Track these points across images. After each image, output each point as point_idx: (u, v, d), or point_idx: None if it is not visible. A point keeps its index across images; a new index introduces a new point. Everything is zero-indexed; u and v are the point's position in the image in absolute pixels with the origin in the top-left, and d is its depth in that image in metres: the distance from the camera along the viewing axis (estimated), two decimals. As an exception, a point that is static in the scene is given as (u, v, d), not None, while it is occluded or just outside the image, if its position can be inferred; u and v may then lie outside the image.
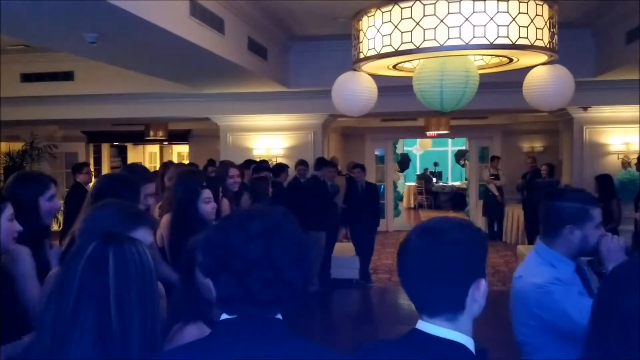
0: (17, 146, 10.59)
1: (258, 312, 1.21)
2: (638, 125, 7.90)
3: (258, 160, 7.43)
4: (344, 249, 8.27)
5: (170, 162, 6.43)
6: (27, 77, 7.58)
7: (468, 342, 1.30)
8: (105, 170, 13.72)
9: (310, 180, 7.39)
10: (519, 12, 3.06)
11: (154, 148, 15.98)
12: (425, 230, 1.32)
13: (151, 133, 11.52)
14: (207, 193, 3.34)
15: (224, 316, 1.24)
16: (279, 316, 1.25)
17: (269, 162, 7.71)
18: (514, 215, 11.31)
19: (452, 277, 1.27)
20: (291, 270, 1.20)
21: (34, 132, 10.48)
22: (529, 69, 3.79)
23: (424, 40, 3.21)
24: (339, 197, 7.97)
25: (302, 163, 7.57)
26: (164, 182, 4.67)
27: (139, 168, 3.39)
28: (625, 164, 7.59)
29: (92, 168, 9.06)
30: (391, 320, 6.47)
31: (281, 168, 7.24)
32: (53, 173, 11.20)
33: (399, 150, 17.06)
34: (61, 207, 2.65)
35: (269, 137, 8.79)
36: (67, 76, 7.54)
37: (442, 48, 3.17)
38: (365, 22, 3.57)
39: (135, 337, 1.31)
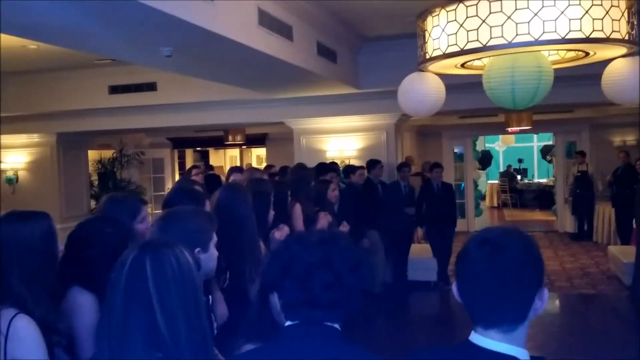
0: (107, 153, 11.28)
1: (319, 315, 1.29)
2: None
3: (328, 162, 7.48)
4: (422, 250, 8.14)
5: (237, 168, 6.66)
6: (114, 89, 8.05)
7: (522, 354, 1.27)
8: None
9: (365, 181, 7.38)
10: (593, 4, 2.89)
11: (234, 152, 16.47)
12: (484, 240, 1.30)
13: (230, 138, 11.88)
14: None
15: (288, 323, 1.32)
16: (337, 326, 1.32)
17: (337, 164, 7.76)
18: (605, 213, 10.68)
19: (517, 288, 1.25)
20: (349, 275, 1.29)
21: (123, 140, 11.12)
22: (610, 61, 3.57)
23: (491, 38, 3.10)
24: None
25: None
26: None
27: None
28: None
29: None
30: (469, 324, 6.30)
31: (351, 169, 7.29)
32: (141, 178, 11.86)
33: (479, 147, 16.54)
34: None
35: (342, 138, 8.80)
36: (150, 87, 7.93)
37: (510, 45, 3.06)
38: (430, 22, 3.50)
39: (183, 336, 1.37)
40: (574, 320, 6.78)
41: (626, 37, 3.01)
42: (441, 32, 3.35)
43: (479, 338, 1.28)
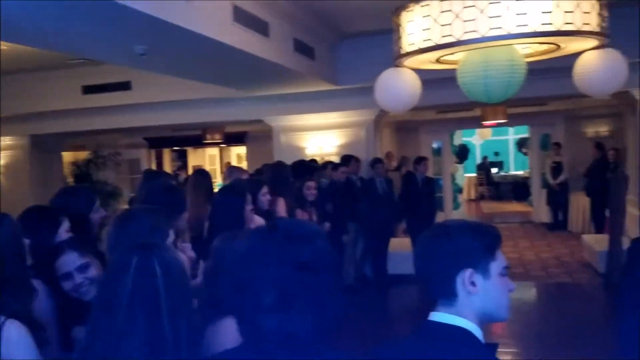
0: (83, 155, 11.13)
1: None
2: None
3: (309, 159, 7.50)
4: (402, 244, 8.20)
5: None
6: (88, 89, 7.94)
7: (474, 329, 1.37)
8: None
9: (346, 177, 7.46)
10: (563, -3, 2.94)
11: (214, 151, 16.36)
12: (433, 226, 1.52)
13: (208, 137, 11.81)
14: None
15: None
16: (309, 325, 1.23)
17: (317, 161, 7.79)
18: (579, 204, 10.89)
19: (439, 265, 1.41)
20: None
21: (98, 141, 10.98)
22: (582, 53, 3.63)
23: (465, 32, 3.13)
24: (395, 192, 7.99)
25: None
26: None
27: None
28: (698, 146, 7.14)
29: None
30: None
31: (323, 167, 7.36)
32: (117, 179, 11.73)
33: (457, 141, 16.71)
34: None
35: (321, 135, 8.82)
36: (125, 86, 7.83)
37: (483, 39, 3.08)
38: (404, 18, 3.52)
39: (183, 337, 1.40)
40: (550, 308, 6.91)
41: (597, 30, 3.07)
42: (416, 28, 3.37)
43: (433, 314, 1.43)
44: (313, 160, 7.68)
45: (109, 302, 1.40)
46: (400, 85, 3.73)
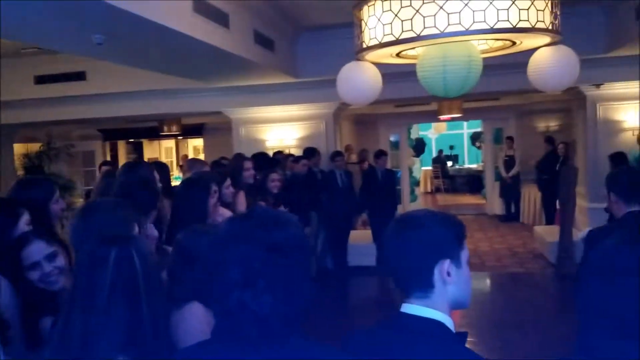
0: (35, 147, 10.78)
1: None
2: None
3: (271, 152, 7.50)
4: (361, 236, 8.32)
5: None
6: (40, 79, 7.71)
7: (446, 320, 1.39)
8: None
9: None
10: (519, -5, 3.04)
11: (170, 143, 16.13)
12: (399, 218, 1.48)
13: (165, 128, 11.63)
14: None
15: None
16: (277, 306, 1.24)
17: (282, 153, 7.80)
18: (531, 196, 11.25)
19: (416, 257, 1.39)
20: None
21: (51, 133, 10.65)
22: (535, 50, 3.76)
23: (425, 27, 3.20)
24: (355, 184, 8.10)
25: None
26: None
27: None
28: (640, 140, 7.49)
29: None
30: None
31: (295, 159, 7.38)
32: (71, 172, 11.42)
33: (414, 135, 16.98)
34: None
35: (281, 128, 8.82)
36: (80, 76, 7.64)
37: (442, 35, 3.16)
38: (366, 12, 3.57)
39: (162, 325, 1.43)
40: (504, 297, 7.14)
41: (550, 27, 3.18)
42: (377, 22, 3.42)
43: (405, 306, 1.41)
44: (279, 152, 7.70)
45: (86, 295, 1.40)
46: (362, 78, 3.79)
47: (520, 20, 3.09)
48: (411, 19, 3.22)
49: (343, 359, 1.30)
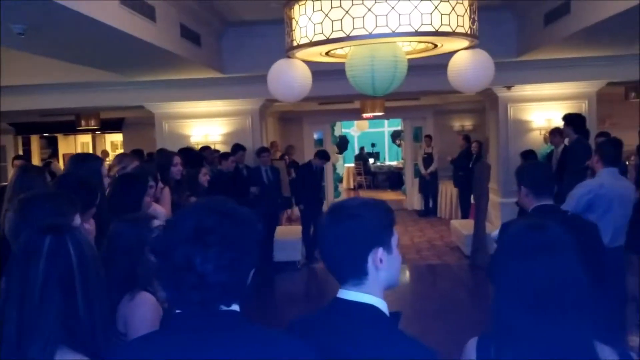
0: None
1: (198, 308, 1.25)
2: (559, 102, 8.42)
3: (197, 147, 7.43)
4: (286, 232, 8.42)
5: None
6: (-55, 69, 7.19)
7: (380, 303, 1.48)
8: (36, 163, 13.21)
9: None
10: (441, 0, 3.23)
11: (86, 138, 15.50)
12: (333, 208, 1.52)
13: (82, 123, 11.18)
14: None
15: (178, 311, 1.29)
16: (235, 307, 1.30)
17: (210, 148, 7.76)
18: (448, 192, 11.79)
19: (350, 247, 1.44)
20: (217, 274, 1.23)
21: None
22: (454, 53, 4.00)
23: (354, 28, 3.33)
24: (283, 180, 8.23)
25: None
26: None
27: None
28: (546, 139, 8.05)
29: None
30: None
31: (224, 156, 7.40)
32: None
33: (337, 133, 17.28)
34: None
35: (206, 123, 8.74)
36: (-10, 67, 7.20)
37: (370, 36, 3.30)
38: (297, 10, 3.65)
39: (98, 317, 1.40)
40: (423, 287, 7.49)
41: (468, 32, 3.40)
42: (308, 21, 3.51)
43: (341, 292, 1.48)
44: (206, 148, 7.64)
45: (20, 287, 1.37)
46: (293, 75, 3.87)
47: (442, 24, 3.29)
48: (341, 20, 3.34)
49: (297, 343, 1.33)
